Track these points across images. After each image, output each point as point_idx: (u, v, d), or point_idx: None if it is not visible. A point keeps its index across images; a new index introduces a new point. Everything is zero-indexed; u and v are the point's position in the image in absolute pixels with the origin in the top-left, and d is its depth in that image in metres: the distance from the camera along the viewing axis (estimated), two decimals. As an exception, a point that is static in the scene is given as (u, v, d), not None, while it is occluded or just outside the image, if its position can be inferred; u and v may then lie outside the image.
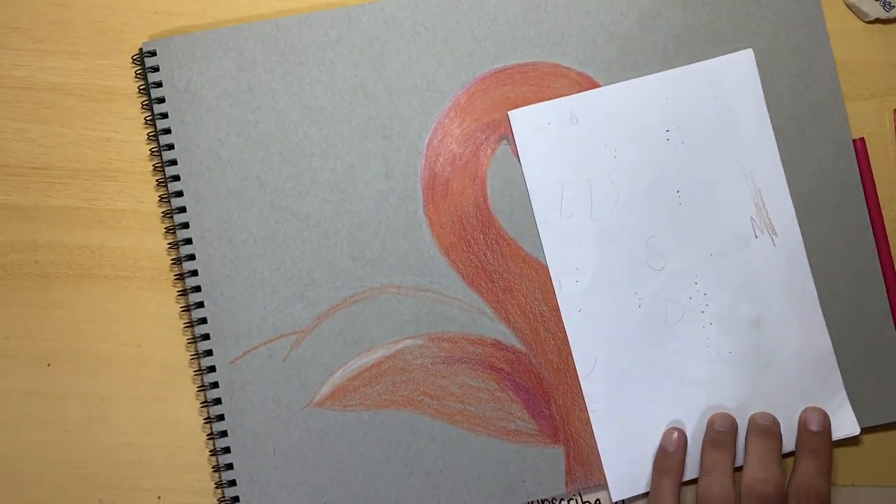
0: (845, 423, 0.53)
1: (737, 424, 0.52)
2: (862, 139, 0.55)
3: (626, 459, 0.53)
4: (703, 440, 0.52)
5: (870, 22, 0.56)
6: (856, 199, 0.54)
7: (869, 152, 0.55)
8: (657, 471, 0.52)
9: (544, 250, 0.53)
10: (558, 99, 0.53)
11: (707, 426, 0.52)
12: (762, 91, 0.54)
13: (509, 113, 0.53)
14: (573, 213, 0.53)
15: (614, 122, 0.53)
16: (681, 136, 0.54)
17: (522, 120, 0.53)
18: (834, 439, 0.53)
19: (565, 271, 0.53)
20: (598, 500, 0.53)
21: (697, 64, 0.54)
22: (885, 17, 0.55)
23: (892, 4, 0.55)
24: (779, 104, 0.54)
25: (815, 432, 0.52)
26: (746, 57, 0.54)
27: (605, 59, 0.54)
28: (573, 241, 0.53)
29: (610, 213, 0.53)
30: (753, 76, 0.54)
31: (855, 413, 0.53)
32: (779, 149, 0.54)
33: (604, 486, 0.53)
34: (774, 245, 0.53)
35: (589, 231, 0.53)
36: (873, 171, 0.55)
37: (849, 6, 0.56)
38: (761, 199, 0.53)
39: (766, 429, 0.52)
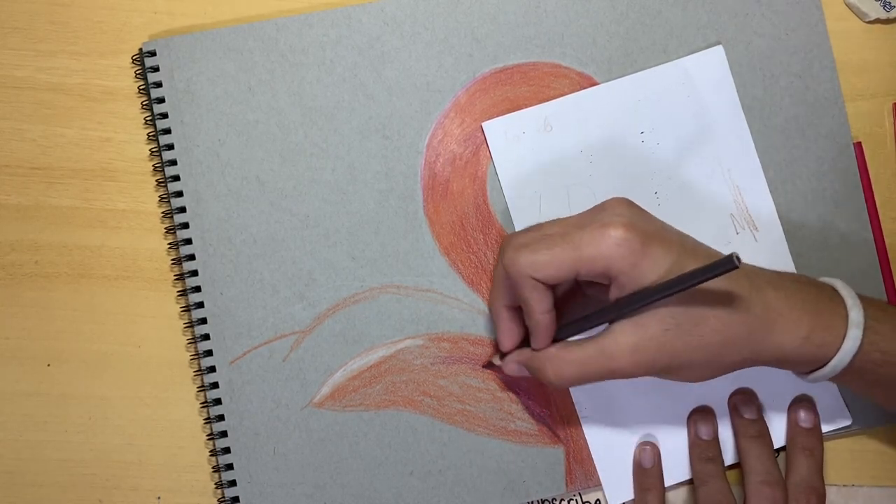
0: (837, 415, 0.53)
1: (717, 424, 0.52)
2: (858, 143, 0.54)
3: (619, 463, 0.53)
4: (691, 450, 0.52)
5: (870, 22, 0.56)
6: (856, 199, 0.54)
7: (869, 152, 0.55)
8: (640, 489, 0.52)
9: None
10: (531, 108, 0.53)
11: (689, 430, 0.52)
12: (734, 86, 0.54)
13: (483, 124, 0.53)
14: None
15: (588, 127, 0.53)
16: (655, 137, 0.53)
17: (497, 130, 0.53)
18: (827, 431, 0.53)
19: None
20: (598, 500, 0.54)
21: (668, 63, 0.54)
22: (885, 18, 0.55)
23: (891, 4, 0.55)
24: (779, 104, 0.54)
25: (808, 430, 0.52)
26: (716, 53, 0.54)
27: (605, 59, 0.54)
28: None
29: None
30: (725, 72, 0.54)
31: (854, 413, 0.53)
32: (777, 148, 0.54)
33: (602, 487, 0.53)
34: (756, 240, 0.53)
35: None
36: (874, 170, 0.55)
37: (849, 6, 0.56)
38: (740, 195, 0.53)
39: (756, 430, 0.52)
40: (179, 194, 0.52)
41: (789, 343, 0.44)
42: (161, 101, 0.53)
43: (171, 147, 0.53)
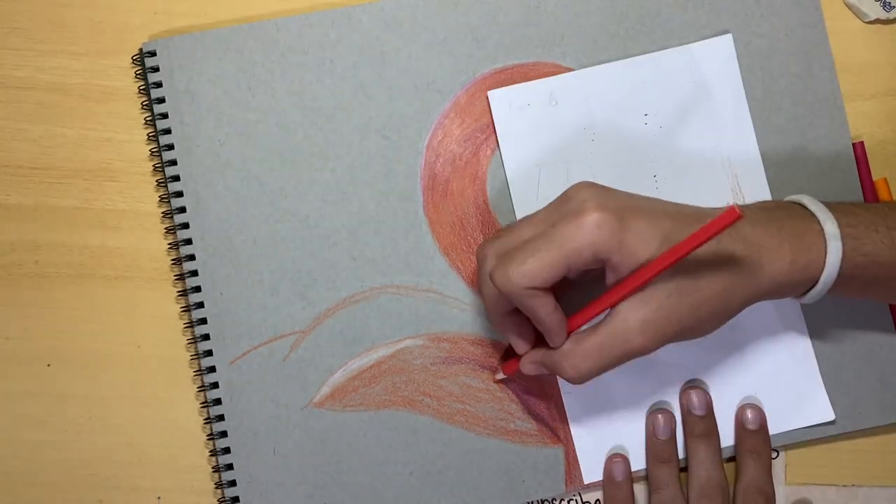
0: (819, 409, 0.53)
1: (676, 423, 0.52)
2: (861, 143, 0.54)
3: (598, 441, 0.53)
4: (647, 453, 0.52)
5: (870, 22, 0.56)
6: (856, 199, 0.54)
7: (869, 151, 0.55)
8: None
9: None
10: (538, 80, 0.53)
11: (647, 434, 0.52)
12: (741, 76, 0.54)
13: (488, 93, 0.53)
14: (550, 196, 0.52)
15: (592, 104, 0.53)
16: (659, 121, 0.54)
17: (502, 100, 0.53)
18: (808, 426, 0.53)
19: None
20: (598, 500, 0.54)
21: (676, 48, 0.54)
22: (885, 18, 0.55)
23: (891, 4, 0.55)
24: (779, 104, 0.54)
25: (753, 431, 0.52)
26: (725, 42, 0.54)
27: (605, 59, 0.54)
28: None
29: None
30: (732, 61, 0.54)
31: (855, 414, 0.53)
32: (777, 149, 0.54)
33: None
34: None
35: None
36: (877, 172, 0.54)
37: (849, 6, 0.56)
38: (738, 185, 0.53)
39: (704, 428, 0.52)
40: (179, 194, 0.53)
41: (778, 271, 0.45)
42: (161, 101, 0.53)
43: (171, 147, 0.53)
